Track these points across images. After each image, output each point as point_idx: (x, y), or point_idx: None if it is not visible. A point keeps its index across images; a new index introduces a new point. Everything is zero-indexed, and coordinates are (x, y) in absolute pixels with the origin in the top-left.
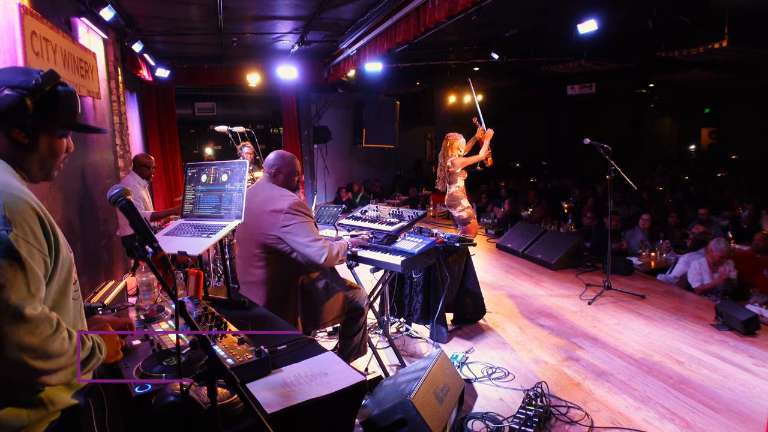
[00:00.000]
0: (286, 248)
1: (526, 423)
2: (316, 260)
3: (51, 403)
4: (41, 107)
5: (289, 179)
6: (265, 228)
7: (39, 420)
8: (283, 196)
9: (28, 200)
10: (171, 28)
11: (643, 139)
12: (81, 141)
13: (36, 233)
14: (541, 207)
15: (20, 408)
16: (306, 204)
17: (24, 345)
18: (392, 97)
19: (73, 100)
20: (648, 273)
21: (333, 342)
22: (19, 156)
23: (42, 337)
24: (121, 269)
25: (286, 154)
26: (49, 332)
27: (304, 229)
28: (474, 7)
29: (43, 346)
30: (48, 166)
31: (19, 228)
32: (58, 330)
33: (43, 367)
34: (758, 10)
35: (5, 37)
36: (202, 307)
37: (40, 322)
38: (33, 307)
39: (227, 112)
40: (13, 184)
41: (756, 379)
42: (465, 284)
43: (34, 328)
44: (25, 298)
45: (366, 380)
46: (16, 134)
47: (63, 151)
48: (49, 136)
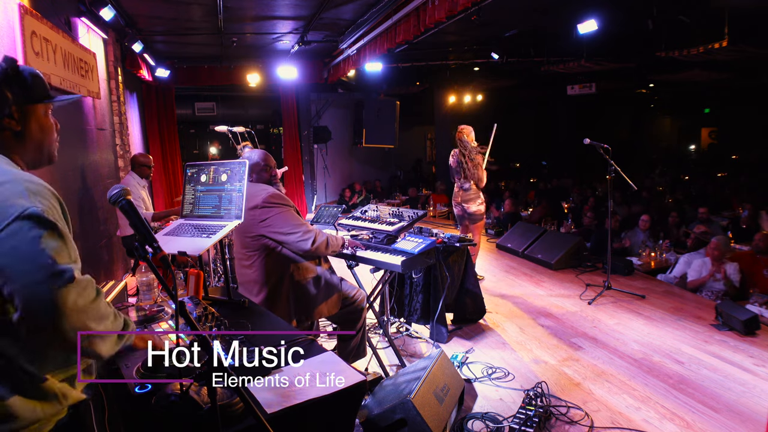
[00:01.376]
0: (272, 244)
1: (526, 423)
2: (303, 246)
3: (63, 397)
4: (17, 90)
5: (260, 174)
6: (248, 226)
7: (52, 415)
8: (258, 192)
9: (45, 184)
10: (171, 28)
11: (643, 139)
12: (81, 141)
13: (59, 212)
14: (541, 207)
15: (34, 401)
16: (282, 195)
17: (79, 307)
18: (392, 97)
19: (38, 75)
20: (648, 273)
21: (333, 342)
22: (16, 145)
23: (89, 299)
24: (121, 269)
25: (257, 151)
26: (93, 294)
27: (283, 218)
28: (474, 7)
29: (93, 308)
30: (46, 147)
31: (47, 204)
32: (99, 293)
33: (96, 328)
34: (758, 10)
35: (5, 37)
36: (202, 307)
37: (87, 284)
38: (78, 271)
39: (227, 112)
40: (24, 173)
41: (756, 379)
42: (465, 284)
43: (82, 290)
44: (69, 262)
45: (366, 380)
46: (7, 123)
47: (53, 128)
48: (35, 116)
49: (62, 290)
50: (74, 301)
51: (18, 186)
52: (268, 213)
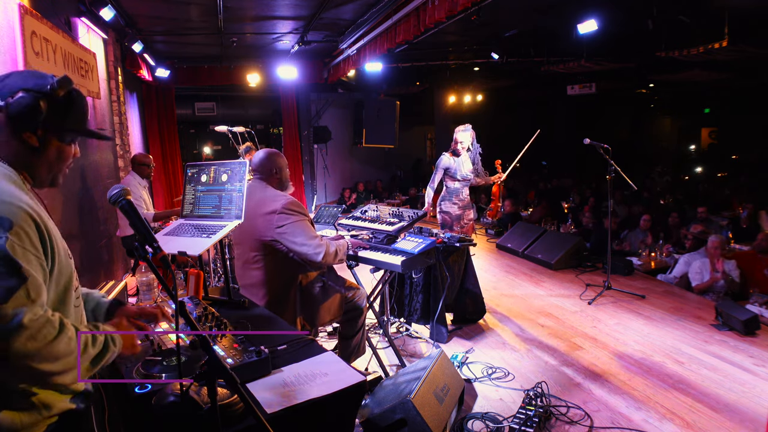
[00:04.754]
0: (283, 249)
1: (526, 423)
2: (314, 258)
3: (45, 407)
4: (54, 111)
5: (284, 177)
6: (261, 230)
7: (34, 423)
8: (277, 197)
9: (21, 205)
10: (171, 28)
11: (643, 139)
12: (81, 141)
13: (32, 238)
14: (541, 207)
15: (15, 412)
16: (300, 203)
17: (27, 352)
18: (392, 97)
19: (85, 106)
20: (648, 273)
21: (333, 342)
22: (27, 160)
23: (45, 341)
24: (121, 269)
25: (272, 151)
26: (52, 335)
27: (299, 228)
28: (474, 7)
29: (48, 350)
30: (55, 172)
31: (14, 234)
32: (62, 331)
33: (52, 369)
34: (758, 10)
35: (5, 37)
36: (202, 307)
37: (42, 326)
38: (33, 312)
39: (227, 112)
40: (7, 189)
41: (756, 379)
42: (465, 284)
43: (35, 333)
44: (25, 304)
45: (366, 380)
46: (27, 137)
47: (71, 156)
48: (59, 141)
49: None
50: (22, 346)
51: None
52: (286, 220)
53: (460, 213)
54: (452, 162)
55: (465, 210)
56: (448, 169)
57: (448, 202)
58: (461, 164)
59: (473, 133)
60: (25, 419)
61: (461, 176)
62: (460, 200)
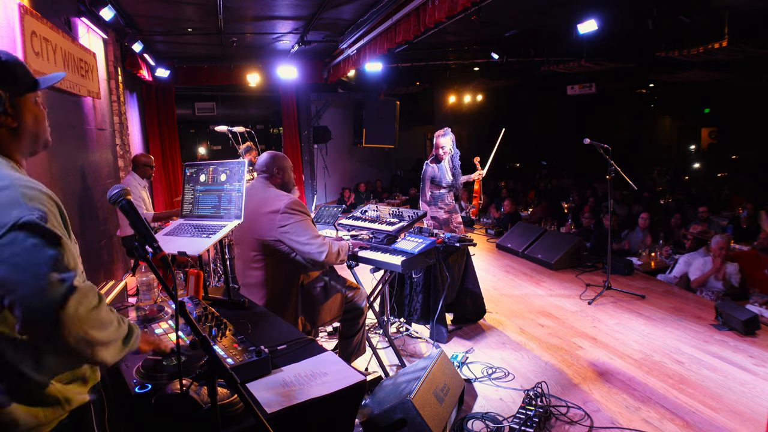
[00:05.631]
0: (285, 249)
1: (526, 423)
2: (317, 258)
3: (67, 402)
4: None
5: (286, 178)
6: (263, 230)
7: (54, 419)
8: (279, 197)
9: (41, 188)
10: (171, 28)
11: (643, 139)
12: (81, 141)
13: (57, 217)
14: (541, 207)
15: (36, 407)
16: (302, 203)
17: (80, 316)
18: (392, 97)
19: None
20: (648, 273)
21: (333, 342)
22: (14, 142)
23: (91, 307)
24: (121, 269)
25: (278, 154)
26: (95, 301)
27: (302, 227)
28: (474, 7)
29: (96, 315)
30: (41, 136)
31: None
32: (101, 300)
33: (100, 338)
34: (758, 10)
35: (5, 37)
36: (202, 307)
37: (88, 291)
38: (79, 277)
39: (227, 112)
40: (21, 177)
41: (756, 379)
42: (465, 284)
43: (83, 298)
44: (69, 270)
45: (366, 380)
46: (3, 120)
47: (45, 114)
48: (27, 107)
49: (61, 299)
50: (74, 310)
51: (14, 192)
52: (289, 219)
53: (447, 217)
54: (436, 170)
55: (452, 214)
56: (434, 178)
57: (435, 207)
58: (445, 171)
59: (453, 136)
60: (48, 415)
61: (446, 183)
62: (446, 204)
